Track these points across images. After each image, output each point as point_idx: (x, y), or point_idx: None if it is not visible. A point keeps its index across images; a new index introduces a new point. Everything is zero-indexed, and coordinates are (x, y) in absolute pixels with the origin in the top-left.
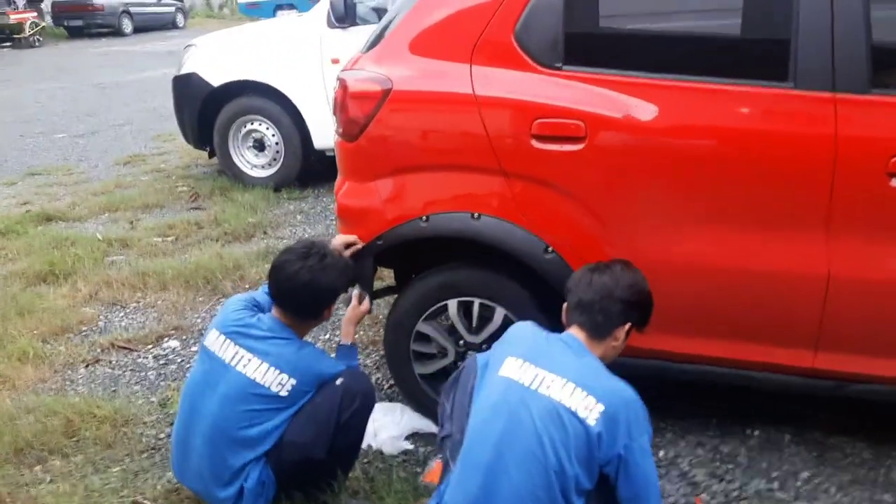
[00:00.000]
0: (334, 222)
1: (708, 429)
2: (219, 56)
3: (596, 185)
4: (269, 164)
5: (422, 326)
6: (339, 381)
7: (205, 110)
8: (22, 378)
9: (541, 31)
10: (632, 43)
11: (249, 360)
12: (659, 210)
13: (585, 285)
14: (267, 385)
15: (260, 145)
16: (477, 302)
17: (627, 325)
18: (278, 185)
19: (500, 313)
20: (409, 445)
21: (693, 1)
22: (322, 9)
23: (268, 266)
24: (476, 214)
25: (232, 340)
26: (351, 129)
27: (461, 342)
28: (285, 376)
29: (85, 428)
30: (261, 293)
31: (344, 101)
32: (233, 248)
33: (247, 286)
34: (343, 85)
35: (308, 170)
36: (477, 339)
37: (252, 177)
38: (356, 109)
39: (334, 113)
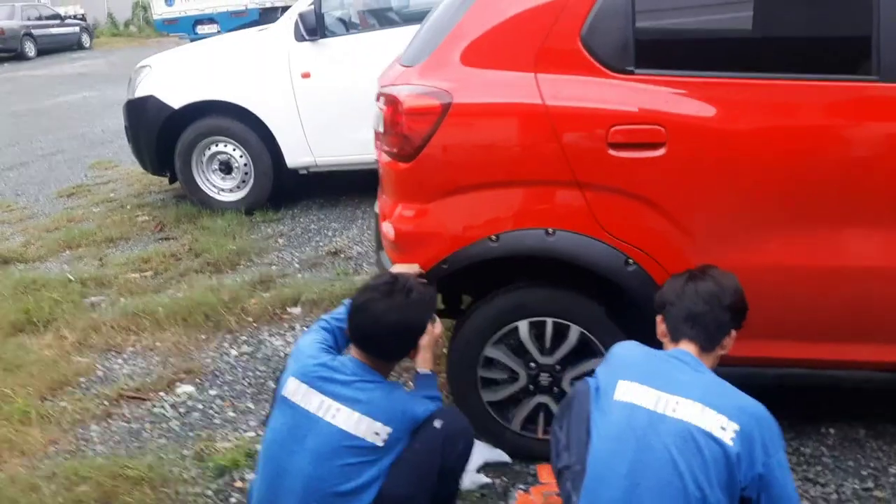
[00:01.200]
0: (320, 243)
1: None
2: (178, 76)
3: (678, 191)
4: (238, 187)
5: (490, 351)
6: (437, 424)
7: (163, 134)
8: (30, 442)
9: (609, 35)
10: (707, 42)
11: (338, 409)
12: (746, 213)
13: (692, 295)
14: (361, 436)
15: (226, 167)
16: (550, 321)
17: (733, 333)
18: (250, 207)
19: (574, 331)
20: (486, 479)
21: None
22: (287, 22)
23: (267, 295)
24: (551, 230)
25: (315, 389)
26: (407, 149)
27: (532, 364)
28: (380, 425)
29: (122, 493)
30: (327, 325)
31: (396, 118)
32: (221, 278)
33: (250, 319)
34: (392, 101)
35: (280, 190)
36: (550, 360)
37: (220, 201)
38: (413, 127)
39: (383, 132)
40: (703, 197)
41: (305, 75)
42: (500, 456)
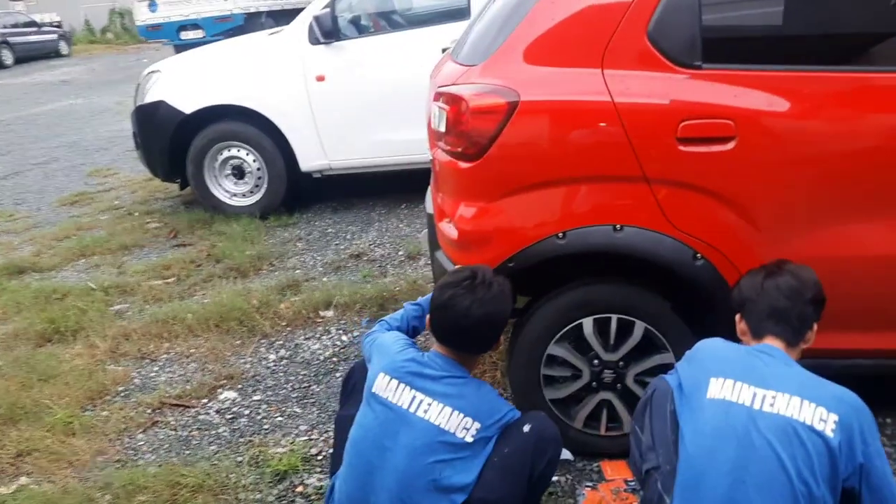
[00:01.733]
0: (340, 246)
1: None
2: (189, 81)
3: (747, 185)
4: (251, 192)
5: (553, 349)
6: (526, 428)
7: (174, 140)
8: (76, 453)
9: (676, 30)
10: (772, 37)
11: (430, 404)
12: (816, 205)
13: (773, 291)
14: (452, 431)
15: (239, 172)
16: (614, 318)
17: (815, 326)
18: (264, 212)
19: (639, 327)
20: (552, 476)
21: None
22: (300, 25)
23: (296, 298)
24: (618, 226)
25: (407, 384)
26: (472, 148)
27: (595, 361)
28: (469, 420)
29: (182, 501)
30: (401, 318)
31: (461, 117)
32: (247, 283)
33: (284, 323)
34: (456, 100)
35: (293, 194)
36: (615, 357)
37: (233, 206)
38: (479, 125)
39: (445, 131)
40: (772, 191)
41: (320, 78)
42: (565, 454)
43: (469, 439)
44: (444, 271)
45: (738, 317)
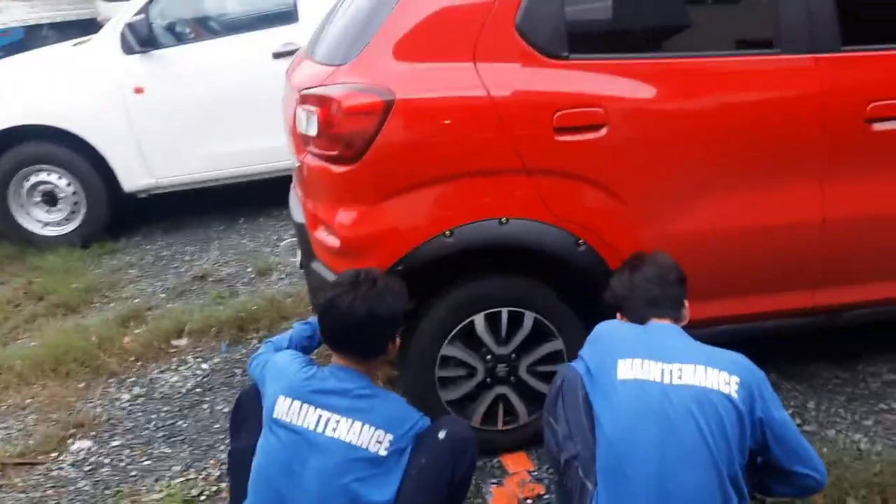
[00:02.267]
0: (180, 269)
1: None
2: None
3: (620, 169)
4: (67, 219)
5: (447, 349)
6: (441, 434)
7: None
8: None
9: (542, 22)
10: (633, 26)
11: (338, 421)
12: (680, 184)
13: (642, 283)
14: (365, 446)
15: (51, 199)
16: (505, 311)
17: (686, 302)
18: (85, 240)
19: (529, 318)
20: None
21: None
22: (110, 34)
23: (142, 330)
24: (504, 219)
25: (311, 404)
26: (348, 150)
27: (489, 357)
28: (381, 432)
29: None
30: (288, 339)
31: (333, 120)
32: (79, 320)
33: (133, 358)
34: (326, 102)
35: (117, 218)
36: (507, 350)
37: (47, 236)
38: (354, 127)
39: (316, 135)
40: (642, 173)
41: (139, 90)
42: None
43: (383, 453)
44: (324, 281)
45: (619, 316)
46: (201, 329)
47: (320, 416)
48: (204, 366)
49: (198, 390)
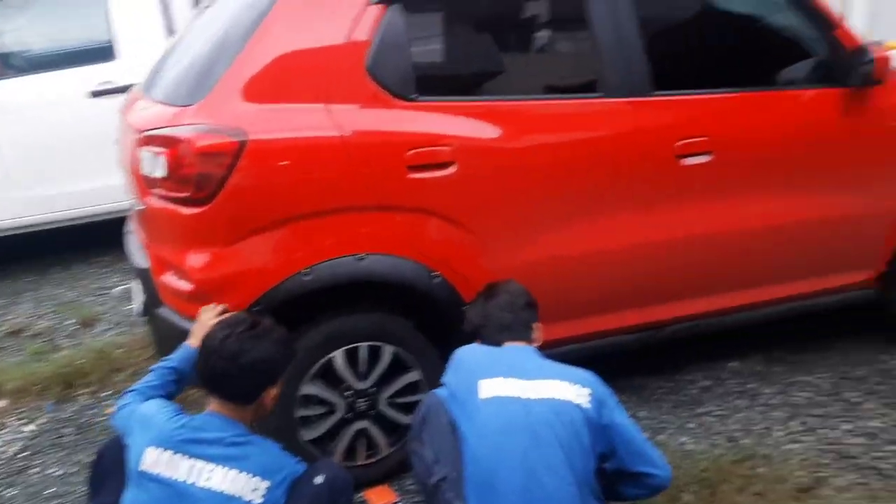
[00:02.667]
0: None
1: None
2: None
3: (469, 204)
4: None
5: (306, 388)
6: (318, 479)
7: None
8: None
9: (391, 66)
10: (477, 71)
11: (212, 470)
12: (523, 216)
13: (495, 311)
14: (239, 495)
15: None
16: (364, 346)
17: (538, 325)
18: None
19: (388, 351)
20: None
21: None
22: None
23: None
24: (361, 255)
25: (184, 454)
26: (200, 192)
27: (348, 392)
28: (258, 479)
29: None
30: (153, 385)
31: (182, 161)
32: None
33: None
34: (174, 143)
35: None
36: (367, 385)
37: None
38: (206, 168)
39: (165, 177)
40: (490, 207)
41: None
42: None
43: (259, 500)
44: (174, 329)
45: (477, 342)
46: (21, 388)
47: (193, 466)
48: (28, 428)
49: (24, 454)
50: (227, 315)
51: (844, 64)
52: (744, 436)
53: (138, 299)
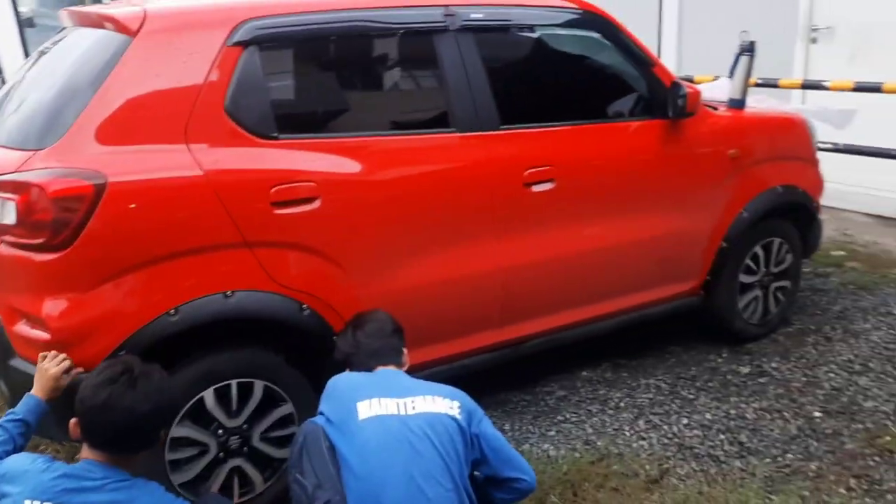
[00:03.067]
0: None
1: None
2: None
3: (334, 237)
4: None
5: (176, 430)
6: None
7: None
8: None
9: (250, 106)
10: (336, 109)
11: None
12: (386, 247)
13: (364, 339)
14: None
15: None
16: (234, 383)
17: (405, 350)
18: None
19: (259, 386)
20: None
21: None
22: None
23: None
24: (229, 292)
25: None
26: (56, 237)
27: (220, 431)
28: None
29: None
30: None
31: (36, 206)
32: None
33: None
34: (25, 188)
35: None
36: (239, 422)
37: None
38: (62, 214)
39: (16, 223)
40: (354, 239)
41: None
42: None
43: None
44: (29, 380)
45: (348, 370)
46: None
47: None
48: None
49: None
50: (102, 366)
51: (662, 98)
52: (598, 438)
53: None
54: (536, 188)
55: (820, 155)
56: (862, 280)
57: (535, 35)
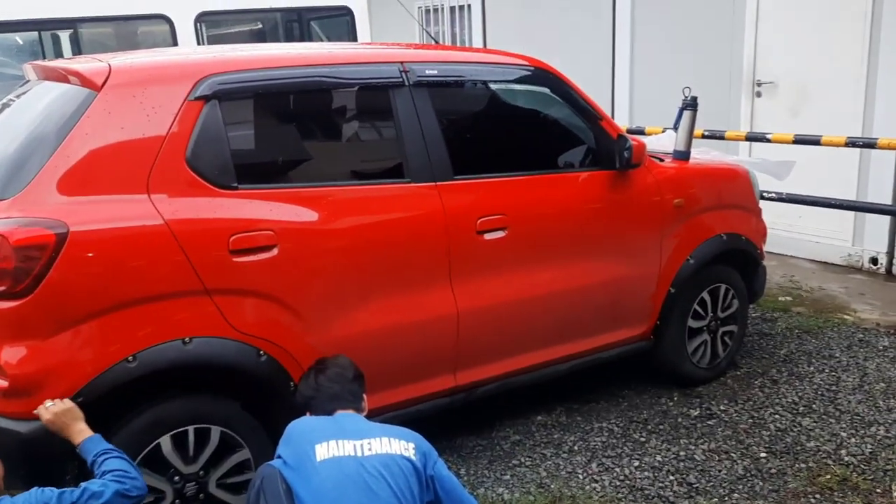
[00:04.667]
0: None
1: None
2: None
3: (292, 284)
4: None
5: None
6: None
7: None
8: None
9: (210, 158)
10: (293, 160)
11: None
12: (342, 293)
13: (326, 383)
14: None
15: None
16: (191, 429)
17: (365, 396)
18: None
19: (216, 432)
20: None
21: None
22: None
23: None
24: (187, 339)
25: None
26: (17, 286)
27: (177, 478)
28: None
29: None
30: None
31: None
32: None
33: None
34: None
35: None
36: (195, 468)
37: None
38: (23, 263)
39: None
40: (311, 286)
41: None
42: None
43: None
44: None
45: (308, 414)
46: None
47: None
48: None
49: None
50: None
51: (609, 150)
52: (552, 481)
53: None
54: (489, 236)
55: (766, 204)
56: (807, 324)
57: (487, 90)
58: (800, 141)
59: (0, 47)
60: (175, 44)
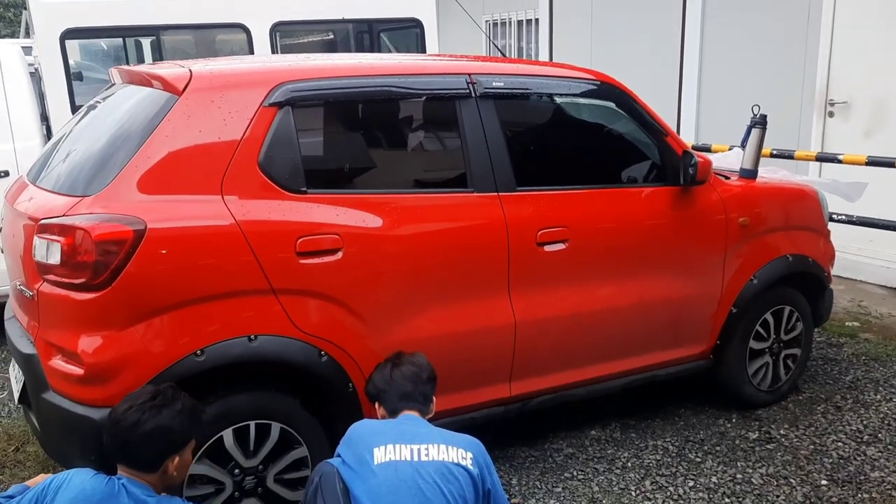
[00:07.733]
0: None
1: None
2: None
3: (355, 287)
4: None
5: (195, 468)
6: None
7: None
8: None
9: (281, 162)
10: (361, 167)
11: None
12: (405, 299)
13: (400, 380)
14: None
15: None
16: (253, 424)
17: (434, 398)
18: None
19: (276, 428)
20: None
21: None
22: None
23: None
24: (253, 336)
25: None
26: (97, 278)
27: (237, 471)
28: None
29: None
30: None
31: (79, 249)
32: None
33: None
34: (70, 231)
35: None
36: (255, 462)
37: None
38: (104, 255)
39: (59, 263)
40: (374, 290)
41: None
42: None
43: None
44: (62, 413)
45: (376, 405)
46: None
47: None
48: None
49: None
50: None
51: (674, 166)
52: (604, 496)
53: (16, 386)
54: (549, 248)
55: (835, 226)
56: (875, 351)
57: (552, 103)
58: (873, 163)
59: (87, 52)
60: (251, 52)
